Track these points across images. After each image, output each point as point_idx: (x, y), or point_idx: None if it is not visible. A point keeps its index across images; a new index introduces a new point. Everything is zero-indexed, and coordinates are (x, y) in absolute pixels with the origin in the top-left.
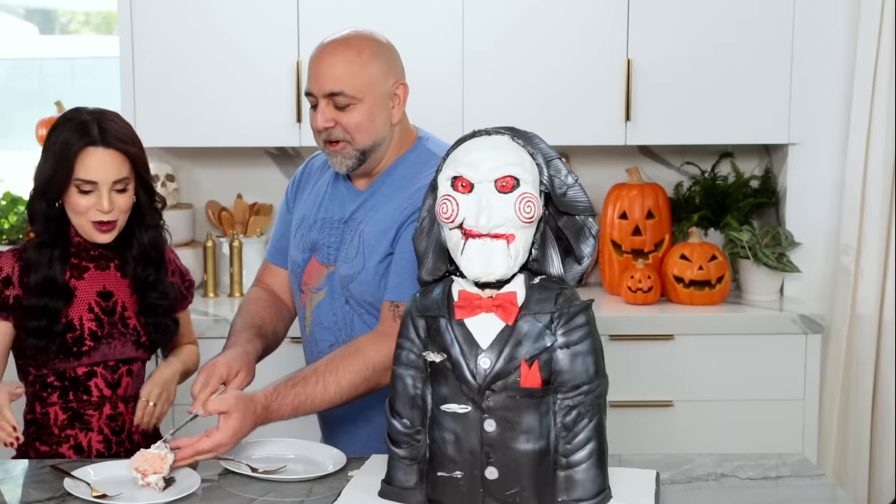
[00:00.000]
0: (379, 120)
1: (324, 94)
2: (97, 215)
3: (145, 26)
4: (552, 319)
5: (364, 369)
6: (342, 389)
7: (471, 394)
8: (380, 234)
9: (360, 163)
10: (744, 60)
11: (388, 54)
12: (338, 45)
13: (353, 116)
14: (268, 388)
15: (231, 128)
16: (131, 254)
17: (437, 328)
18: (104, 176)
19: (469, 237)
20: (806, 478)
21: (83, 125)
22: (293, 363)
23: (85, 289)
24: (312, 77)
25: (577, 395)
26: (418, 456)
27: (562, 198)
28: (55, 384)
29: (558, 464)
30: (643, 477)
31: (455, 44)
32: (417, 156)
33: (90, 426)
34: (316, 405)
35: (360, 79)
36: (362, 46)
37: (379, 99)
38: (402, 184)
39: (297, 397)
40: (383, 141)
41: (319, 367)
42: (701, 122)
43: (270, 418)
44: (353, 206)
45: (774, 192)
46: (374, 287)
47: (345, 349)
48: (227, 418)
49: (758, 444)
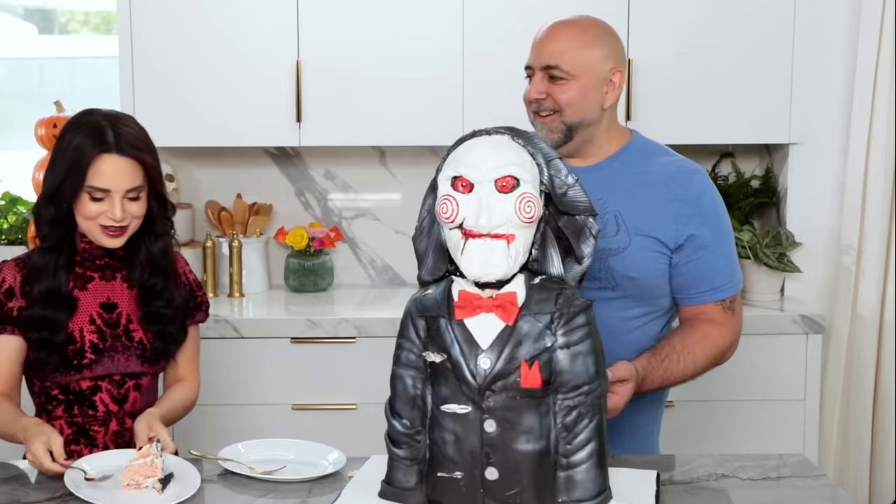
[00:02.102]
0: (590, 100)
1: (541, 67)
2: (107, 221)
3: (144, 26)
4: (552, 320)
5: (715, 353)
6: (697, 369)
7: (471, 394)
8: (645, 218)
9: (567, 139)
10: (744, 60)
11: (611, 41)
12: (564, 24)
13: (566, 91)
14: (640, 359)
15: (231, 128)
16: (139, 259)
17: (437, 328)
18: (117, 184)
19: (469, 237)
20: (807, 478)
21: (98, 130)
22: (295, 362)
23: (88, 300)
24: (535, 50)
25: (578, 395)
26: (418, 456)
27: (562, 198)
28: (59, 398)
29: (558, 464)
30: (643, 477)
31: (455, 43)
32: (646, 142)
33: (95, 442)
34: (676, 381)
35: (579, 57)
36: (587, 28)
37: (594, 80)
38: (644, 169)
39: (665, 372)
40: (592, 122)
41: (675, 346)
42: (701, 122)
43: (643, 389)
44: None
45: (775, 191)
46: (640, 262)
47: (691, 333)
48: (624, 384)
49: (758, 445)
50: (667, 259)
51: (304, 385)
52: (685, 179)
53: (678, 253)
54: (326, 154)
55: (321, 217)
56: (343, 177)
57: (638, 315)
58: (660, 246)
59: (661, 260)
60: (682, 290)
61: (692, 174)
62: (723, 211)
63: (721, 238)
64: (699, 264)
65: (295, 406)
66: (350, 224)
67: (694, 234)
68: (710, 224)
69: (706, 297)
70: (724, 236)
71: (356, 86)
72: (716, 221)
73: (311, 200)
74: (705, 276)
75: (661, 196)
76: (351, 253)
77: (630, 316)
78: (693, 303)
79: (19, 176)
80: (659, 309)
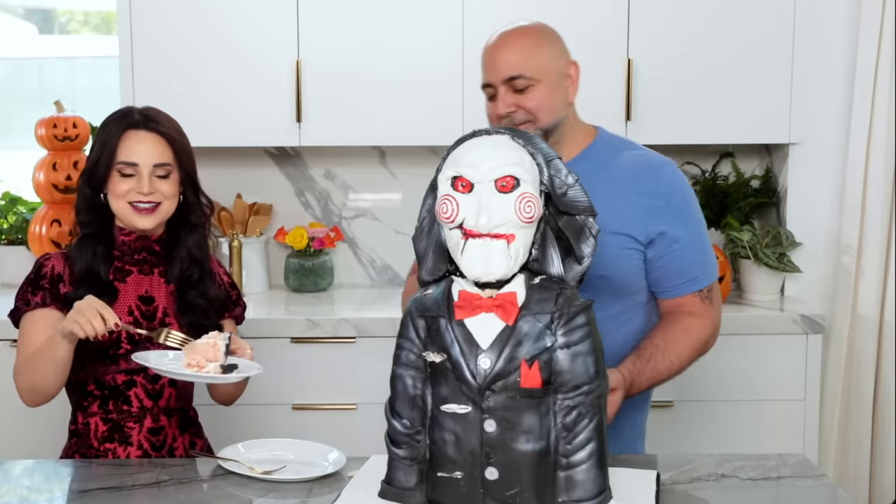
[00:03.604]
0: (557, 99)
1: (502, 80)
2: (136, 196)
3: (144, 26)
4: (552, 319)
5: (697, 345)
6: (682, 364)
7: (471, 394)
8: (614, 215)
9: None
10: (744, 59)
11: (556, 37)
12: (510, 33)
13: (534, 97)
14: (626, 363)
15: (231, 127)
16: (178, 254)
17: (437, 328)
18: (144, 158)
19: (469, 237)
20: (807, 478)
21: (127, 113)
22: (295, 362)
23: (127, 291)
24: (489, 66)
25: (578, 395)
26: (418, 456)
27: (562, 198)
28: (95, 393)
29: (558, 464)
30: (643, 477)
31: (455, 43)
32: (611, 138)
33: (129, 440)
34: (664, 378)
35: (537, 60)
36: (532, 31)
37: (555, 78)
38: (611, 165)
39: (651, 371)
40: (563, 120)
41: (658, 344)
42: (701, 122)
43: (632, 392)
44: None
45: (775, 191)
46: (610, 260)
47: (671, 328)
48: (614, 393)
49: (758, 445)
50: (640, 254)
51: (304, 385)
52: (653, 173)
53: (651, 247)
54: (326, 154)
55: (321, 217)
56: (343, 177)
57: (615, 314)
58: (631, 242)
59: (633, 256)
60: (658, 284)
61: (660, 167)
62: (693, 201)
63: (693, 229)
64: (673, 257)
65: (295, 406)
66: (350, 224)
67: (665, 227)
68: (682, 216)
69: (683, 288)
70: (697, 227)
71: (356, 86)
72: (687, 212)
73: (311, 200)
74: (680, 269)
75: (629, 191)
76: (351, 253)
77: (608, 316)
78: (670, 295)
79: (19, 176)
80: (636, 304)
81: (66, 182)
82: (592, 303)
